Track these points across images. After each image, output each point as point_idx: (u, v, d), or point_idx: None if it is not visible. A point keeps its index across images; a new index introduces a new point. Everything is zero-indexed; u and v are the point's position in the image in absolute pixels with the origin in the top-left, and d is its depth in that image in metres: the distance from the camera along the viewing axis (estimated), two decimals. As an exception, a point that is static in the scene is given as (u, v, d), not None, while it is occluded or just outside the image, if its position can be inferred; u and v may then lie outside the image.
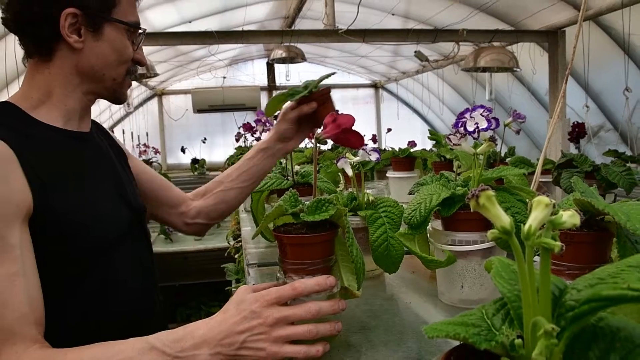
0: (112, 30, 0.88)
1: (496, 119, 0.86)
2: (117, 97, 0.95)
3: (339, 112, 0.92)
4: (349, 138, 0.86)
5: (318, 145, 2.25)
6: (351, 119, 0.85)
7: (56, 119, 0.87)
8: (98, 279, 0.86)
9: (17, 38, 0.88)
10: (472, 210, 0.33)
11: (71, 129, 0.90)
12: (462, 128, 0.86)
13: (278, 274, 0.76)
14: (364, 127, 6.65)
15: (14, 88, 3.27)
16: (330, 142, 2.93)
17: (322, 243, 0.74)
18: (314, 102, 1.01)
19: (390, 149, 2.24)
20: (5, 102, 0.86)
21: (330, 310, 0.68)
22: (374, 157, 1.03)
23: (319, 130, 0.90)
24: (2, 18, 0.86)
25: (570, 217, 0.35)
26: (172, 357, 0.64)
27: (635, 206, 0.65)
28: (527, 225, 0.33)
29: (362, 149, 1.03)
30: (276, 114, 1.10)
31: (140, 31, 0.93)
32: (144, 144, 5.81)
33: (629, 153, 2.84)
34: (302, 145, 2.81)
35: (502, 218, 0.32)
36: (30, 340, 0.69)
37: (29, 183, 0.76)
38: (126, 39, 0.91)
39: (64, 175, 0.84)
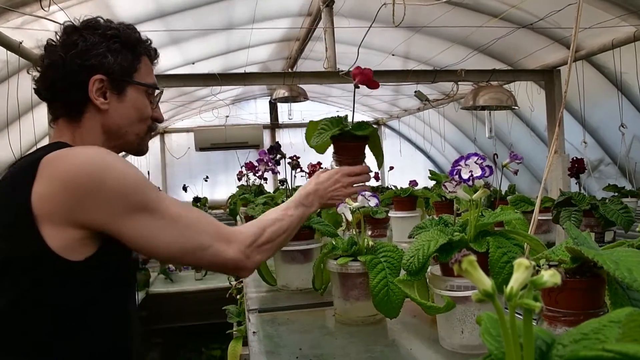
0: (133, 92, 0.99)
1: (490, 167, 0.89)
2: (140, 150, 1.05)
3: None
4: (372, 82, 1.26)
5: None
6: (369, 70, 1.27)
7: None
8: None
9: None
10: (455, 274, 0.35)
11: None
12: (457, 176, 0.89)
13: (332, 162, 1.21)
14: (368, 164, 6.69)
15: (15, 128, 3.34)
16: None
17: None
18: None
19: (392, 188, 2.26)
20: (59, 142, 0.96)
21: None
22: (372, 202, 1.05)
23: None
24: (34, 89, 0.98)
25: (551, 277, 0.37)
26: (306, 207, 1.09)
27: (624, 253, 0.67)
28: (508, 287, 0.35)
29: (361, 195, 1.06)
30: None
31: (157, 91, 1.04)
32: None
33: (629, 187, 2.86)
34: (303, 183, 2.86)
35: (484, 282, 0.34)
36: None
37: None
38: (146, 99, 1.02)
39: None
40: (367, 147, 1.27)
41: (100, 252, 0.85)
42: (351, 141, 1.21)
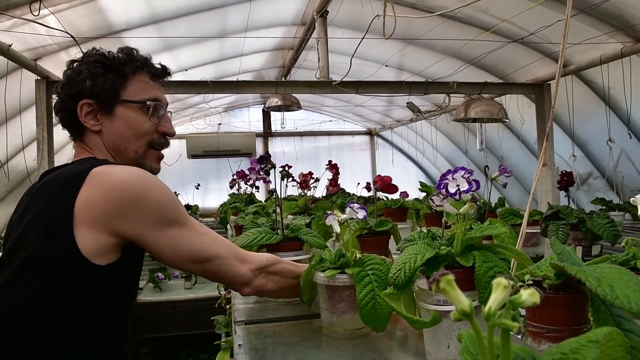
0: (123, 110, 1.05)
1: (476, 181, 0.89)
2: (143, 168, 1.06)
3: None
4: (390, 187, 1.57)
5: (311, 194, 2.32)
6: (390, 177, 1.57)
7: None
8: None
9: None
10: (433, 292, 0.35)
11: None
12: (444, 190, 0.89)
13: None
14: (359, 174, 6.73)
15: (16, 123, 3.31)
16: (320, 193, 2.96)
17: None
18: None
19: (383, 199, 2.27)
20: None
21: None
22: (361, 214, 1.05)
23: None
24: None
25: (529, 296, 0.38)
26: None
27: (607, 269, 0.67)
28: (486, 307, 0.35)
29: (349, 207, 1.06)
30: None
31: (149, 104, 1.06)
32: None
33: (616, 200, 2.89)
34: (295, 193, 2.86)
35: (462, 301, 0.35)
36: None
37: None
38: (141, 115, 1.06)
39: None
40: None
41: (120, 261, 0.93)
42: (374, 236, 1.41)
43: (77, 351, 0.90)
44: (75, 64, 1.05)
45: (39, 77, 3.10)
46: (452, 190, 0.88)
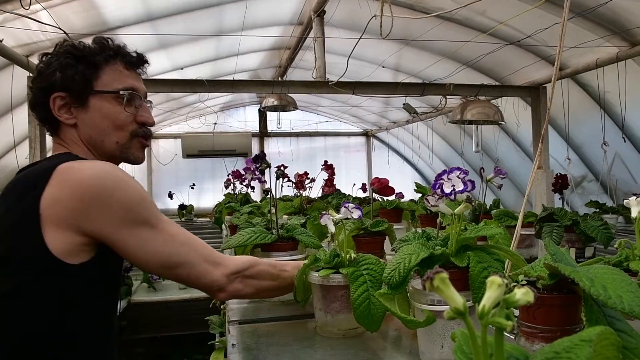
0: (97, 101, 1.00)
1: (472, 182, 0.89)
2: (127, 158, 1.05)
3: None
4: (387, 189, 1.63)
5: (307, 194, 2.32)
6: (387, 180, 1.62)
7: None
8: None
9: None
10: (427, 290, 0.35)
11: None
12: (439, 190, 0.89)
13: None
14: (355, 175, 6.73)
15: (7, 121, 3.28)
16: (316, 194, 2.96)
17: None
18: None
19: (379, 200, 2.27)
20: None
21: None
22: (356, 214, 1.05)
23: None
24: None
25: (524, 295, 0.38)
26: None
27: (600, 270, 0.67)
28: (480, 305, 0.35)
29: (344, 207, 1.06)
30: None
31: (122, 93, 1.01)
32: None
33: (610, 203, 2.91)
34: (290, 193, 2.86)
35: (456, 299, 0.34)
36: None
37: None
38: (116, 105, 1.01)
39: None
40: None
41: (96, 259, 0.90)
42: (369, 236, 1.40)
43: (55, 351, 0.88)
44: (47, 57, 1.01)
45: (31, 74, 3.08)
46: (447, 190, 0.88)
